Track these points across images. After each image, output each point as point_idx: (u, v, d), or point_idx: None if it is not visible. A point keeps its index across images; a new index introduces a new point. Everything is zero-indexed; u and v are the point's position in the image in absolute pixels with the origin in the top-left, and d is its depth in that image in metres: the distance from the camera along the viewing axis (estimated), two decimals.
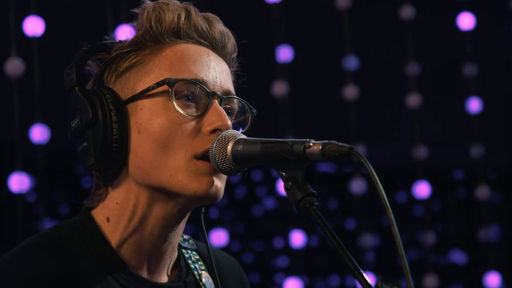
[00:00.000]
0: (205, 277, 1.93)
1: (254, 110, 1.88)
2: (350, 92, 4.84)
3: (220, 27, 1.87)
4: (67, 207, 5.63)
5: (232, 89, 1.86)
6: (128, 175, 1.80)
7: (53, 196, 5.62)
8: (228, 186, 1.84)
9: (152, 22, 1.82)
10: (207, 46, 1.85)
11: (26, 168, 3.92)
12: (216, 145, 1.74)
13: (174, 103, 1.76)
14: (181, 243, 1.95)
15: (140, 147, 1.77)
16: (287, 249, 4.90)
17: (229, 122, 1.79)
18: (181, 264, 1.91)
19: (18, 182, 3.88)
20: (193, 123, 1.77)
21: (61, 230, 1.82)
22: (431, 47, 5.56)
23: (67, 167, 5.64)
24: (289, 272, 4.91)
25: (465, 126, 5.33)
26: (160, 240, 1.82)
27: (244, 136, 1.76)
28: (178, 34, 1.83)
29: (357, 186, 4.78)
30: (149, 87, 1.78)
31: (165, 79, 1.77)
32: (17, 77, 3.89)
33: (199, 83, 1.79)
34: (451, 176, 6.75)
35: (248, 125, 1.88)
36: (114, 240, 1.81)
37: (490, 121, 5.46)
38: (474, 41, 5.22)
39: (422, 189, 5.06)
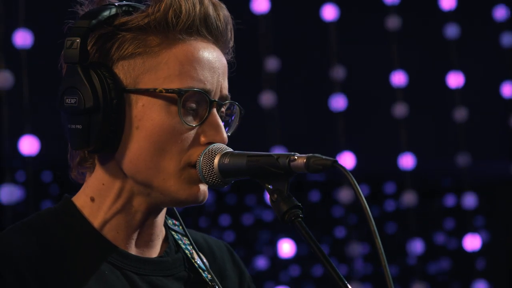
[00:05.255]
0: (197, 257, 1.93)
1: (243, 111, 1.86)
2: (338, 102, 4.87)
3: (225, 14, 1.83)
4: None
5: (227, 88, 1.84)
6: (116, 161, 1.79)
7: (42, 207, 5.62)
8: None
9: (169, 17, 1.77)
10: (213, 42, 1.82)
11: (15, 180, 3.94)
12: (203, 159, 1.76)
13: (180, 115, 1.75)
14: (170, 226, 1.95)
15: (136, 143, 1.76)
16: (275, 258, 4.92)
17: (225, 135, 1.79)
18: (169, 242, 1.91)
19: (8, 193, 3.89)
20: (192, 132, 1.77)
21: (40, 216, 1.82)
22: (418, 57, 5.60)
23: (55, 178, 5.64)
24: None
25: (452, 135, 5.36)
26: (144, 223, 1.83)
27: (230, 150, 1.78)
28: (190, 32, 1.79)
29: (345, 195, 4.81)
30: (156, 89, 1.75)
31: (176, 89, 1.75)
32: (6, 89, 3.90)
33: (205, 92, 1.78)
34: (438, 185, 6.78)
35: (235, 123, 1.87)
36: (97, 220, 1.80)
37: (476, 130, 5.49)
38: (459, 50, 5.26)
39: (410, 198, 5.08)
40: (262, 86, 4.71)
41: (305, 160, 1.63)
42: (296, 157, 1.65)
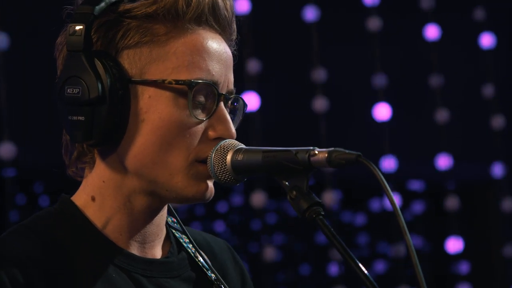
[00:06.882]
0: (199, 256, 1.86)
1: (246, 107, 1.81)
2: (319, 104, 4.84)
3: (231, 4, 1.77)
4: None
5: (233, 82, 1.79)
6: (118, 156, 1.71)
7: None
8: None
9: (179, 5, 1.69)
10: (220, 33, 1.76)
11: None
12: (214, 156, 1.69)
13: (190, 108, 1.69)
14: (170, 224, 1.88)
15: (141, 137, 1.69)
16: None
17: (234, 130, 1.74)
18: (171, 241, 1.84)
19: None
20: (200, 126, 1.70)
21: (39, 218, 1.74)
22: (397, 58, 5.59)
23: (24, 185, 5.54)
24: None
25: (433, 136, 5.36)
26: (147, 223, 1.76)
27: (243, 146, 1.71)
28: (199, 21, 1.72)
29: (328, 197, 4.77)
30: (165, 80, 1.68)
31: (187, 80, 1.68)
32: None
33: (214, 85, 1.71)
34: (416, 187, 6.78)
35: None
36: (100, 222, 1.73)
37: (457, 133, 5.50)
38: (439, 52, 5.27)
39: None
40: (244, 87, 4.65)
41: (326, 155, 1.58)
42: (316, 152, 1.60)
